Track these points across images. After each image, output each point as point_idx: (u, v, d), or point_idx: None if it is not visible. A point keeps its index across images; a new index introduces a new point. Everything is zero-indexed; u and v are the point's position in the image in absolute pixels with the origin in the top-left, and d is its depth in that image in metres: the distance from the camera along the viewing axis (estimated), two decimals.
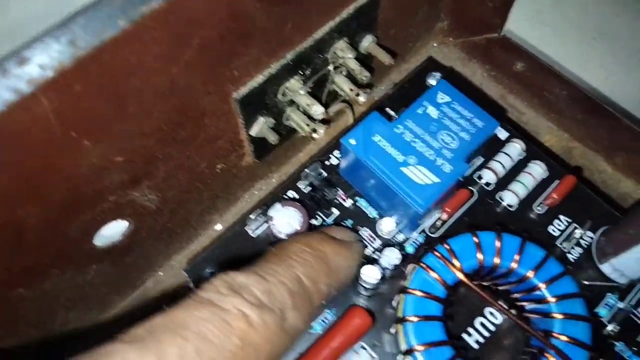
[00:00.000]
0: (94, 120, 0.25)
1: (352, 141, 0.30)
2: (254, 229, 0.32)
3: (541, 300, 0.28)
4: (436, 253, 0.28)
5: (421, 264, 0.28)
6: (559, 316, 0.27)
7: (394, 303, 0.30)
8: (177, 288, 0.40)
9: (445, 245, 0.28)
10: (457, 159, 0.29)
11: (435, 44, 0.47)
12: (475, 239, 0.28)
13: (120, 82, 0.24)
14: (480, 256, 0.28)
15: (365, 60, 0.38)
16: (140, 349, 0.18)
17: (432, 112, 0.31)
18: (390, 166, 0.29)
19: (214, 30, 0.26)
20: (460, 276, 0.27)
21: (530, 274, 0.28)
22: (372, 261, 0.29)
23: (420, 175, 0.29)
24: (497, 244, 0.28)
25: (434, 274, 0.28)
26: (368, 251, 0.32)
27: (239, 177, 0.39)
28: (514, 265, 0.28)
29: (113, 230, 0.33)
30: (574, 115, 0.42)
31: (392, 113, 0.36)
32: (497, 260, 0.28)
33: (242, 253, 0.33)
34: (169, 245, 0.39)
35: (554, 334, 0.27)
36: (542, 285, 0.28)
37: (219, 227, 0.41)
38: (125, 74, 0.24)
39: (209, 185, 0.37)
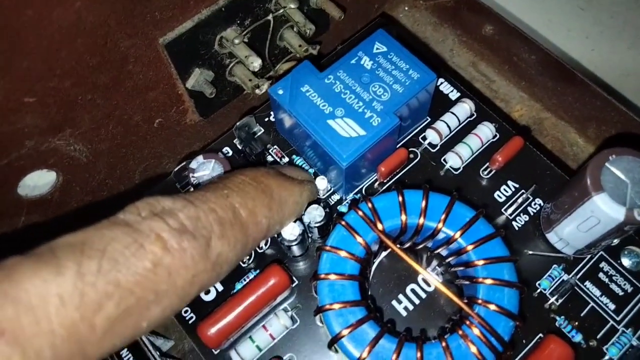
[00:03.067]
0: None
1: (280, 91, 0.28)
2: (181, 182, 0.31)
3: (468, 263, 0.26)
4: (358, 211, 0.26)
5: (341, 222, 0.26)
6: (485, 281, 0.25)
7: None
8: None
9: (369, 204, 0.26)
10: (387, 112, 0.27)
11: (406, 8, 0.45)
12: (400, 198, 0.26)
13: (10, 11, 0.23)
14: (403, 216, 0.26)
15: (318, 15, 0.36)
16: (36, 262, 0.17)
17: (366, 62, 0.29)
18: (315, 118, 0.27)
19: None
20: (380, 235, 0.25)
21: (456, 235, 0.26)
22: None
23: (347, 128, 0.27)
24: (423, 203, 0.26)
25: (353, 233, 0.26)
26: None
27: (184, 136, 0.38)
28: (439, 225, 0.26)
29: (39, 181, 0.32)
30: (545, 84, 0.40)
31: None
32: (421, 221, 0.26)
33: None
34: (112, 203, 0.38)
35: (478, 301, 0.25)
36: (469, 247, 0.26)
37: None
38: (16, 2, 0.23)
39: (148, 141, 0.35)
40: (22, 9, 0.23)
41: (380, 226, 0.26)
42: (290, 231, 0.27)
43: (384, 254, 0.28)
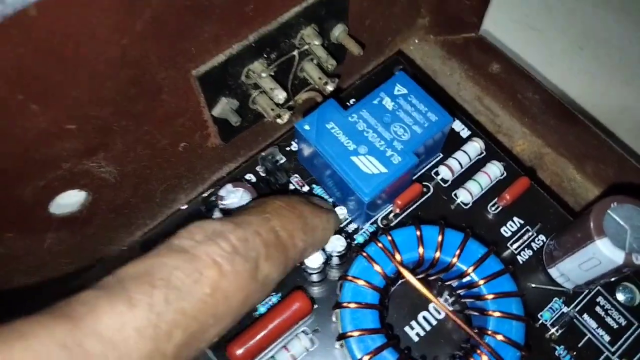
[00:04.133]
0: (42, 84, 0.25)
1: (306, 127, 0.30)
2: (206, 209, 0.33)
3: (479, 297, 0.28)
4: (378, 243, 0.28)
5: (362, 253, 0.28)
6: (494, 314, 0.27)
7: (337, 291, 0.30)
8: None
9: (388, 237, 0.28)
10: (406, 152, 0.29)
11: (416, 40, 0.47)
12: (418, 232, 0.28)
13: (67, 47, 0.24)
14: (421, 249, 0.28)
15: (337, 49, 0.38)
16: (110, 296, 0.18)
17: (388, 103, 0.31)
18: (340, 154, 0.29)
19: (167, 2, 0.26)
20: (399, 267, 0.27)
21: (469, 270, 0.28)
22: None
23: (369, 165, 0.29)
24: (439, 238, 0.28)
25: (373, 264, 0.28)
26: None
27: (205, 158, 0.39)
28: (454, 260, 0.28)
29: (70, 200, 0.33)
30: (547, 121, 0.42)
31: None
32: (437, 254, 0.28)
33: None
34: (132, 221, 0.40)
35: (488, 332, 0.27)
36: (481, 282, 0.28)
37: (185, 207, 0.41)
38: (71, 39, 0.24)
39: (172, 163, 0.37)
40: (76, 44, 0.25)
41: (398, 257, 0.28)
42: (314, 260, 0.28)
43: (399, 282, 0.30)
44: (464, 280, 0.28)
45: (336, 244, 0.29)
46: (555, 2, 0.49)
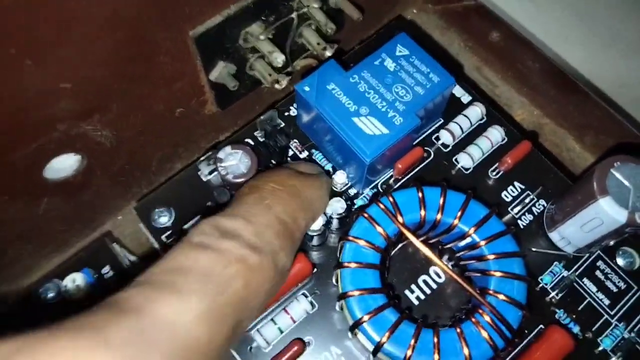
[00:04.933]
0: (34, 40, 0.24)
1: (306, 88, 0.30)
2: (206, 173, 0.32)
3: (481, 257, 0.28)
4: (380, 204, 0.28)
5: (364, 214, 0.28)
6: (496, 274, 0.27)
7: (338, 253, 0.30)
8: (133, 233, 0.40)
9: (390, 198, 0.28)
10: (408, 113, 0.29)
11: (414, 10, 0.47)
12: (420, 194, 0.28)
13: (56, 4, 0.24)
14: (422, 211, 0.28)
15: (336, 14, 0.37)
16: (157, 290, 0.19)
17: (389, 64, 0.30)
18: (341, 115, 0.29)
19: None
20: (401, 227, 0.27)
21: (471, 231, 0.28)
22: None
23: (370, 126, 0.29)
24: (441, 200, 0.28)
25: (375, 224, 0.27)
26: None
27: (202, 126, 0.39)
28: (455, 221, 0.28)
29: (65, 164, 0.32)
30: (547, 91, 0.42)
31: None
32: (439, 216, 0.28)
33: (193, 195, 0.32)
34: (128, 188, 0.39)
35: (490, 291, 0.27)
36: (482, 243, 0.28)
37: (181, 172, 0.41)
38: None
39: (168, 129, 0.37)
40: (65, 2, 0.24)
41: (400, 219, 0.28)
42: (315, 222, 0.28)
43: (399, 245, 0.30)
44: (465, 242, 0.28)
45: (336, 206, 0.29)
46: None
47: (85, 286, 0.30)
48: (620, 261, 0.31)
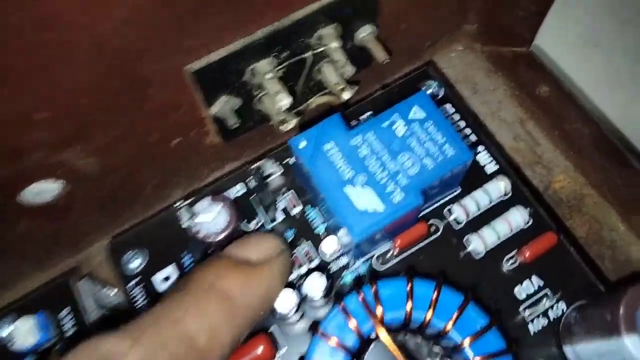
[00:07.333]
0: (4, 67, 0.22)
1: (303, 144, 0.26)
2: (185, 220, 0.29)
3: None
4: (360, 295, 0.24)
5: (339, 304, 0.24)
6: None
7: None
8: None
9: (373, 287, 0.24)
10: (411, 189, 0.25)
11: (460, 48, 0.42)
12: (409, 286, 0.24)
13: (29, 31, 0.21)
14: (409, 308, 0.24)
15: (360, 53, 0.34)
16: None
17: (400, 127, 0.26)
18: (333, 182, 0.25)
19: None
20: (378, 330, 0.23)
21: (464, 343, 0.24)
22: (292, 285, 0.26)
23: (364, 200, 0.25)
24: (434, 296, 0.24)
25: (351, 320, 0.24)
26: (302, 270, 0.28)
27: (203, 156, 0.36)
28: (448, 327, 0.24)
29: (43, 189, 0.31)
30: (594, 158, 0.36)
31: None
32: (428, 317, 0.24)
33: (171, 241, 0.30)
34: (119, 213, 0.37)
35: None
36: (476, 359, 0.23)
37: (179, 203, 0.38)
38: (36, 23, 0.21)
39: (164, 158, 0.34)
40: (41, 29, 0.22)
41: (380, 312, 0.24)
42: (285, 303, 0.25)
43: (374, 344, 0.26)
44: (456, 352, 0.24)
45: (314, 286, 0.26)
46: (630, 15, 0.42)
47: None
48: None
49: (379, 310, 0.24)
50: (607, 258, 0.35)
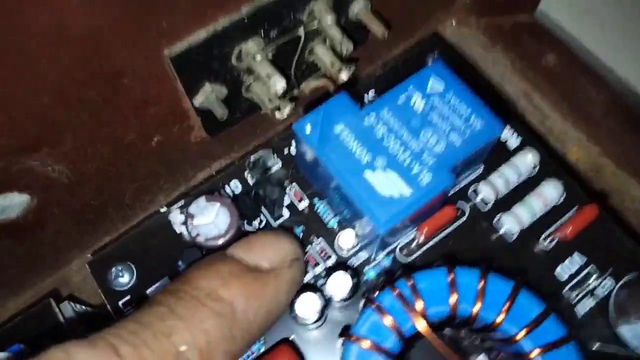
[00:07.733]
0: None
1: (308, 128, 0.23)
2: (178, 223, 0.26)
3: None
4: (395, 290, 0.21)
5: (372, 304, 0.21)
6: None
7: (337, 345, 0.23)
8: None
9: (409, 281, 0.21)
10: (441, 168, 0.22)
11: (454, 22, 0.39)
12: (450, 277, 0.21)
13: None
14: (453, 300, 0.21)
15: (356, 29, 0.30)
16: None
17: (418, 101, 0.23)
18: (350, 168, 0.22)
19: None
20: (421, 327, 0.20)
21: (519, 335, 0.20)
22: (312, 288, 0.22)
23: (388, 185, 0.22)
24: (480, 286, 0.21)
25: (387, 319, 0.20)
26: (318, 269, 0.25)
27: (189, 154, 0.32)
28: (499, 319, 0.21)
29: (6, 203, 0.26)
30: (610, 127, 0.34)
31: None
32: (476, 310, 0.21)
33: (163, 250, 0.26)
34: (98, 225, 0.33)
35: None
36: (535, 352, 0.20)
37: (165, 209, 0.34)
38: None
39: (144, 160, 0.30)
40: None
41: (420, 309, 0.21)
42: (309, 308, 0.21)
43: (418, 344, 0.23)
44: (510, 346, 0.21)
45: (338, 286, 0.22)
46: None
47: None
48: None
49: (419, 306, 0.20)
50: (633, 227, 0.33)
